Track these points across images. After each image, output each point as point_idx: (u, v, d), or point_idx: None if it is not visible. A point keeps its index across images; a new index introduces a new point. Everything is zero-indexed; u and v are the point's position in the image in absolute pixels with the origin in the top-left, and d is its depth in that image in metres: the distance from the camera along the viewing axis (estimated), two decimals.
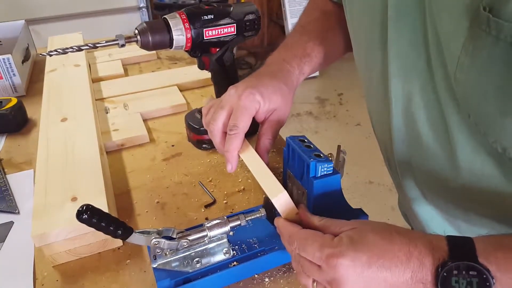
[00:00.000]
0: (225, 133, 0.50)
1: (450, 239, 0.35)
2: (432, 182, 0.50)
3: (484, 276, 0.32)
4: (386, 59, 0.46)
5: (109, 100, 0.90)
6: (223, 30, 0.64)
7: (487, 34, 0.33)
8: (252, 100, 0.50)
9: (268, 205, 0.51)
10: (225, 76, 0.69)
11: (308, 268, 0.39)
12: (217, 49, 0.66)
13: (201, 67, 0.69)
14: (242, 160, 0.50)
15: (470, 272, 0.33)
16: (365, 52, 0.53)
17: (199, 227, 0.49)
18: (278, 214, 0.52)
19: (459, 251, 0.34)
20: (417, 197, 0.55)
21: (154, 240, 0.45)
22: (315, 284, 0.39)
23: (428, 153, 0.47)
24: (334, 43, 0.63)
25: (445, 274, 0.33)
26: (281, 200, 0.44)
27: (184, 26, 0.60)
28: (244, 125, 0.49)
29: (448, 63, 0.39)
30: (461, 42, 0.36)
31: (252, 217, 0.50)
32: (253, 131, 0.60)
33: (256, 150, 0.50)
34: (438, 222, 0.54)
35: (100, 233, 0.42)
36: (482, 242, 0.35)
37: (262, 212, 0.50)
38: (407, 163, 0.52)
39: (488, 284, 0.32)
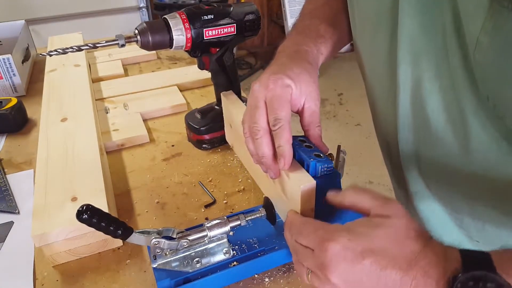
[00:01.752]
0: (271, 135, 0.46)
1: (465, 252, 0.33)
2: (439, 172, 0.48)
3: None
4: (394, 43, 0.44)
5: (109, 100, 0.90)
6: (223, 30, 0.64)
7: (509, 11, 0.31)
8: (282, 85, 0.46)
9: (268, 205, 0.51)
10: (225, 76, 0.69)
11: (302, 254, 0.38)
12: (217, 49, 0.66)
13: (201, 67, 0.69)
14: (241, 159, 0.50)
15: (488, 285, 0.30)
16: (370, 37, 0.51)
17: (199, 227, 0.49)
18: (278, 215, 0.52)
19: (474, 262, 0.32)
20: (420, 190, 0.53)
21: (154, 240, 0.45)
22: (309, 275, 0.38)
23: (437, 141, 0.45)
24: (344, 27, 0.61)
25: (459, 285, 0.31)
26: (308, 188, 0.43)
27: (184, 26, 0.60)
28: (286, 114, 0.45)
29: (467, 44, 0.37)
30: (481, 22, 0.34)
31: (252, 217, 0.50)
32: None
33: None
34: (440, 218, 0.53)
35: (100, 233, 0.42)
36: (498, 255, 0.32)
37: (262, 212, 0.50)
38: (412, 153, 0.50)
39: None
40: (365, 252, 0.34)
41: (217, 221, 0.48)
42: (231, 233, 0.51)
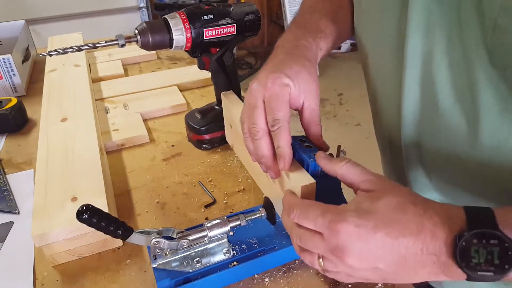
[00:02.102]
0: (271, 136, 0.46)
1: (468, 208, 0.34)
2: (442, 160, 0.47)
3: (506, 245, 0.31)
4: (404, 16, 0.43)
5: (109, 100, 0.90)
6: (223, 30, 0.64)
7: None
8: (280, 84, 0.45)
9: (268, 205, 0.51)
10: (225, 76, 0.69)
11: (309, 240, 0.37)
12: (217, 49, 0.66)
13: (201, 67, 0.69)
14: (241, 159, 0.50)
15: (491, 241, 0.31)
16: (377, 17, 0.50)
17: (199, 227, 0.49)
18: (278, 215, 0.52)
19: (478, 220, 0.32)
20: (421, 182, 0.52)
21: (154, 240, 0.45)
22: (321, 260, 0.37)
23: (443, 124, 0.44)
24: (345, 22, 0.60)
25: (464, 243, 0.31)
26: (307, 188, 0.43)
27: (184, 26, 0.60)
28: (284, 114, 0.44)
29: (486, 11, 0.36)
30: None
31: (252, 217, 0.50)
32: None
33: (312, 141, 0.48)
34: None
35: (100, 233, 0.42)
36: (502, 212, 0.33)
37: (262, 212, 0.50)
38: (415, 142, 0.49)
39: (510, 253, 0.30)
40: (376, 226, 0.34)
41: (217, 221, 0.48)
42: (231, 233, 0.51)
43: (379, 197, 0.36)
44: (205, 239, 0.48)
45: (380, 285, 0.47)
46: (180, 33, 0.60)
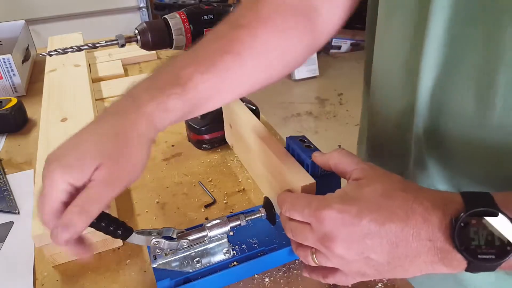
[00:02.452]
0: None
1: (465, 193, 0.33)
2: (454, 145, 0.44)
3: None
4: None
5: (109, 100, 0.90)
6: None
7: None
8: (51, 183, 0.37)
9: (268, 205, 0.51)
10: None
11: (300, 232, 0.37)
12: None
13: None
14: (241, 159, 0.50)
15: None
16: None
17: (199, 227, 0.49)
18: (278, 215, 0.52)
19: (476, 202, 0.31)
20: (432, 173, 0.49)
21: (154, 240, 0.45)
22: (314, 255, 0.37)
23: (461, 95, 0.40)
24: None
25: (462, 224, 0.30)
26: (307, 187, 0.43)
27: (184, 26, 0.60)
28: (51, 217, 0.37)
29: None
30: None
31: (252, 217, 0.50)
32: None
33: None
34: None
35: (100, 233, 0.42)
36: (501, 195, 0.32)
37: (262, 212, 0.50)
38: (432, 128, 0.46)
39: None
40: (361, 212, 0.33)
41: (217, 221, 0.49)
42: (231, 233, 0.51)
43: (367, 185, 0.36)
44: (205, 239, 0.48)
45: (380, 285, 0.47)
46: (180, 33, 0.60)
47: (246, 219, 0.49)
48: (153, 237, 0.45)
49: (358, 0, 0.51)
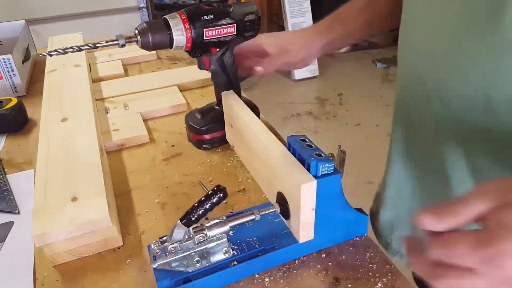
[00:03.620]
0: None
1: None
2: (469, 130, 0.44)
3: None
4: None
5: (109, 100, 0.90)
6: (223, 30, 0.64)
7: None
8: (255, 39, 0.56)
9: (282, 200, 0.50)
10: (225, 76, 0.69)
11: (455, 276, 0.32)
12: (217, 49, 0.66)
13: (201, 67, 0.69)
14: (242, 159, 0.50)
15: None
16: None
17: (199, 227, 0.49)
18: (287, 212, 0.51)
19: None
20: (459, 168, 0.47)
21: (171, 246, 0.45)
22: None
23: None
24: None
25: None
26: (308, 187, 0.43)
27: (184, 26, 0.60)
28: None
29: None
30: None
31: (267, 211, 0.49)
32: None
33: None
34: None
35: (100, 233, 0.42)
36: None
37: (276, 207, 0.50)
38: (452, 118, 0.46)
39: None
40: None
41: (217, 220, 0.48)
42: (231, 233, 0.51)
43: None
44: (205, 238, 0.48)
45: (380, 285, 0.47)
46: (180, 33, 0.60)
47: (261, 213, 0.49)
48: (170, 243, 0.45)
49: None
